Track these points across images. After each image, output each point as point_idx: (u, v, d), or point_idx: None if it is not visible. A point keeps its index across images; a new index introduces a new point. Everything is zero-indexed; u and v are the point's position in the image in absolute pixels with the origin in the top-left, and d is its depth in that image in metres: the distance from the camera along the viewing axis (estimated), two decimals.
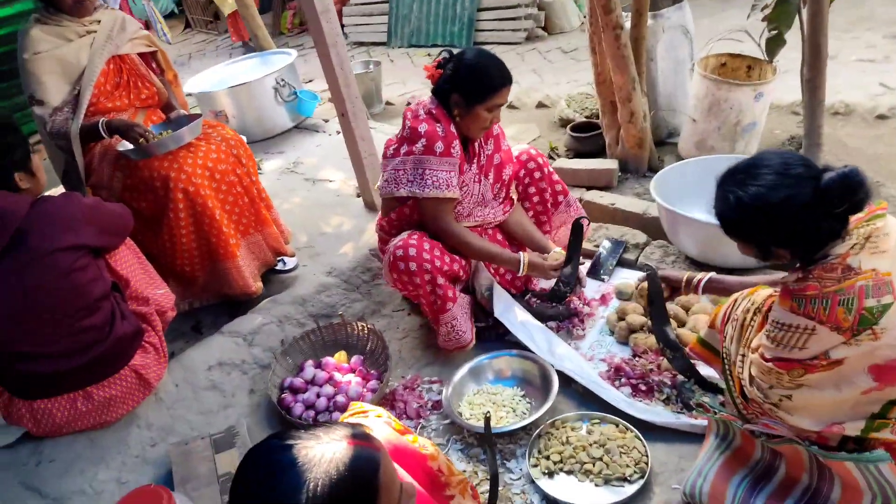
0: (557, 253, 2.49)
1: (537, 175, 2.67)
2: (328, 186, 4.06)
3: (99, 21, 2.69)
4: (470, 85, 2.25)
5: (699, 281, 2.00)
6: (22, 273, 1.87)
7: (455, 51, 2.43)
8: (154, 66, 2.94)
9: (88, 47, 2.64)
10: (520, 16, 6.12)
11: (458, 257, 2.41)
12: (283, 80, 4.94)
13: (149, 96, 2.86)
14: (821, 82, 2.60)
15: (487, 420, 1.80)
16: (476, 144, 2.47)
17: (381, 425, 1.39)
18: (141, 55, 2.86)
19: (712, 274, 2.03)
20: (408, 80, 6.18)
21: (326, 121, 5.20)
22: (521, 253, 2.45)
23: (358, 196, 3.83)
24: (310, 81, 6.63)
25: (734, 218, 1.56)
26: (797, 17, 2.61)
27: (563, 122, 4.19)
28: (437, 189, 2.28)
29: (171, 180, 2.58)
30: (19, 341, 1.93)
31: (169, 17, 10.36)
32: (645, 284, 2.13)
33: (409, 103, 5.35)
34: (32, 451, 2.07)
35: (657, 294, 2.09)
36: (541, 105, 4.64)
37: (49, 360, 1.96)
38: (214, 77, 5.28)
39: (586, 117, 4.06)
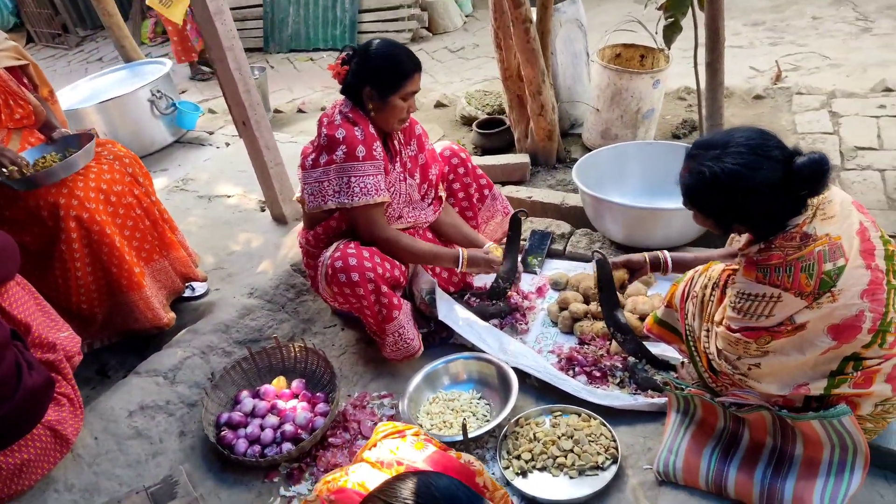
0: (493, 247, 2.46)
1: (461, 170, 2.63)
2: (227, 202, 3.79)
3: None
4: (381, 75, 2.17)
5: (666, 259, 2.05)
6: None
7: (357, 46, 2.33)
8: (25, 81, 2.58)
9: None
10: (403, 17, 6.07)
11: (397, 262, 2.30)
12: (159, 91, 4.58)
13: (24, 116, 2.50)
14: (720, 65, 2.76)
15: (465, 427, 1.72)
16: (396, 142, 2.38)
17: (423, 444, 1.28)
18: (9, 70, 2.50)
19: (668, 252, 2.07)
20: (293, 86, 5.94)
21: (211, 133, 4.88)
22: (459, 249, 2.39)
23: (262, 210, 3.61)
24: (183, 92, 6.20)
25: (704, 193, 1.56)
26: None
27: (466, 120, 4.19)
28: (366, 196, 2.17)
29: (60, 207, 2.27)
30: None
31: (10, 30, 9.31)
32: (594, 271, 2.14)
33: (300, 110, 5.15)
34: None
35: (607, 280, 2.11)
36: (439, 104, 4.61)
37: None
38: (78, 93, 4.79)
39: (488, 114, 4.09)
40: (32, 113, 2.55)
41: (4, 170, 2.22)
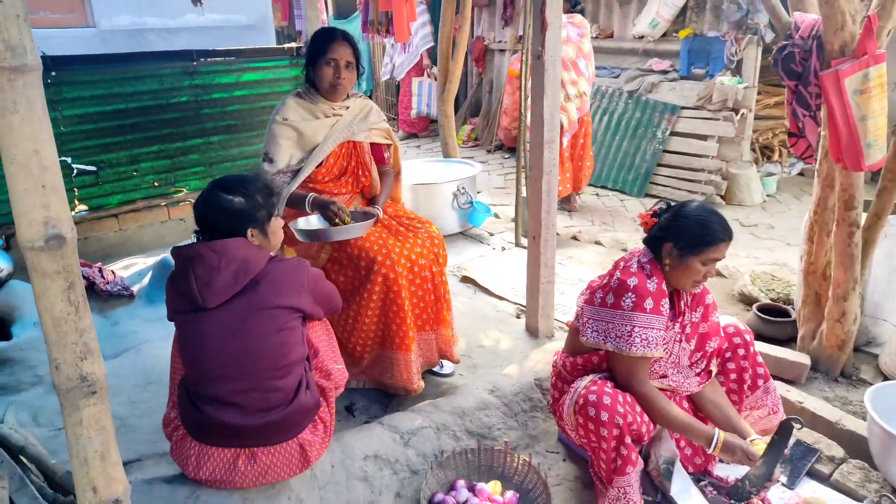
0: (757, 441, 2.26)
1: (741, 352, 2.51)
2: (488, 299, 4.06)
3: (348, 107, 2.88)
4: (688, 235, 2.21)
5: None
6: (245, 318, 1.96)
7: (672, 203, 2.40)
8: (386, 156, 3.09)
9: (328, 128, 2.81)
10: (701, 180, 6.10)
11: (647, 418, 2.25)
12: (463, 188, 5.17)
13: (364, 185, 2.99)
14: None
15: None
16: (683, 303, 2.37)
17: None
18: (373, 145, 3.02)
19: None
20: (580, 215, 6.25)
21: (491, 234, 5.33)
22: (716, 429, 2.26)
23: (518, 317, 3.79)
24: (478, 193, 6.88)
25: None
26: None
27: (744, 298, 3.99)
28: (645, 348, 2.19)
29: (376, 263, 2.66)
30: (218, 383, 1.97)
31: None
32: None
33: (574, 237, 5.38)
34: (189, 494, 2.05)
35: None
36: (718, 274, 4.47)
37: (234, 411, 1.99)
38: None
39: (771, 299, 3.85)
40: (370, 185, 3.03)
41: (337, 219, 2.66)
